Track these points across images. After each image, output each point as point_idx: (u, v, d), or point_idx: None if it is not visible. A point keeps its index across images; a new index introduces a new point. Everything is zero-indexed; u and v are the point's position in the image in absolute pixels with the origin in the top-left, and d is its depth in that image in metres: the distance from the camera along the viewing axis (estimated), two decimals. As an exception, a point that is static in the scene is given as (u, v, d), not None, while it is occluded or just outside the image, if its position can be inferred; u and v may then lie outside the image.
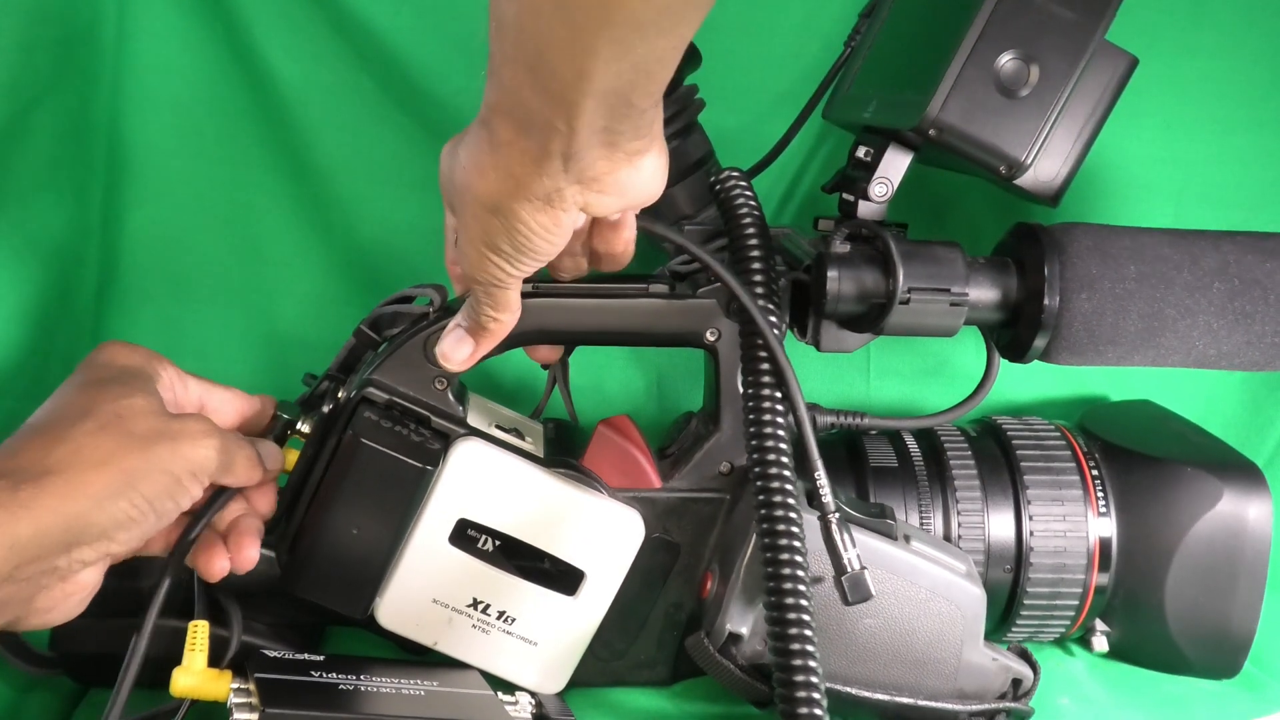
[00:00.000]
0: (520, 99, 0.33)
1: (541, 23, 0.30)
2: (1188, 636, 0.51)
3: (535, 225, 0.37)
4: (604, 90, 0.32)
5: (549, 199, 0.36)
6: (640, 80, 0.33)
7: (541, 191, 0.36)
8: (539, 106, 0.33)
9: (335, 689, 0.43)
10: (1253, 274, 0.45)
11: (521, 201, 0.36)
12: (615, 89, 0.32)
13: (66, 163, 0.54)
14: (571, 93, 0.32)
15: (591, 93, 0.32)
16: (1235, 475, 0.51)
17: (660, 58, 0.32)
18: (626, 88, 0.33)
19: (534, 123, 0.34)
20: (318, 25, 0.56)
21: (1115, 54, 0.45)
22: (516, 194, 0.36)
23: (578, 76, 0.31)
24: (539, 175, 0.35)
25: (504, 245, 0.38)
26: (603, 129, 0.34)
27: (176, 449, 0.38)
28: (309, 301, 0.60)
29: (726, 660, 0.43)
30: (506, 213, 0.37)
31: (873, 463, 0.52)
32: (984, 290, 0.47)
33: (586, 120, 0.33)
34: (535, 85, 0.32)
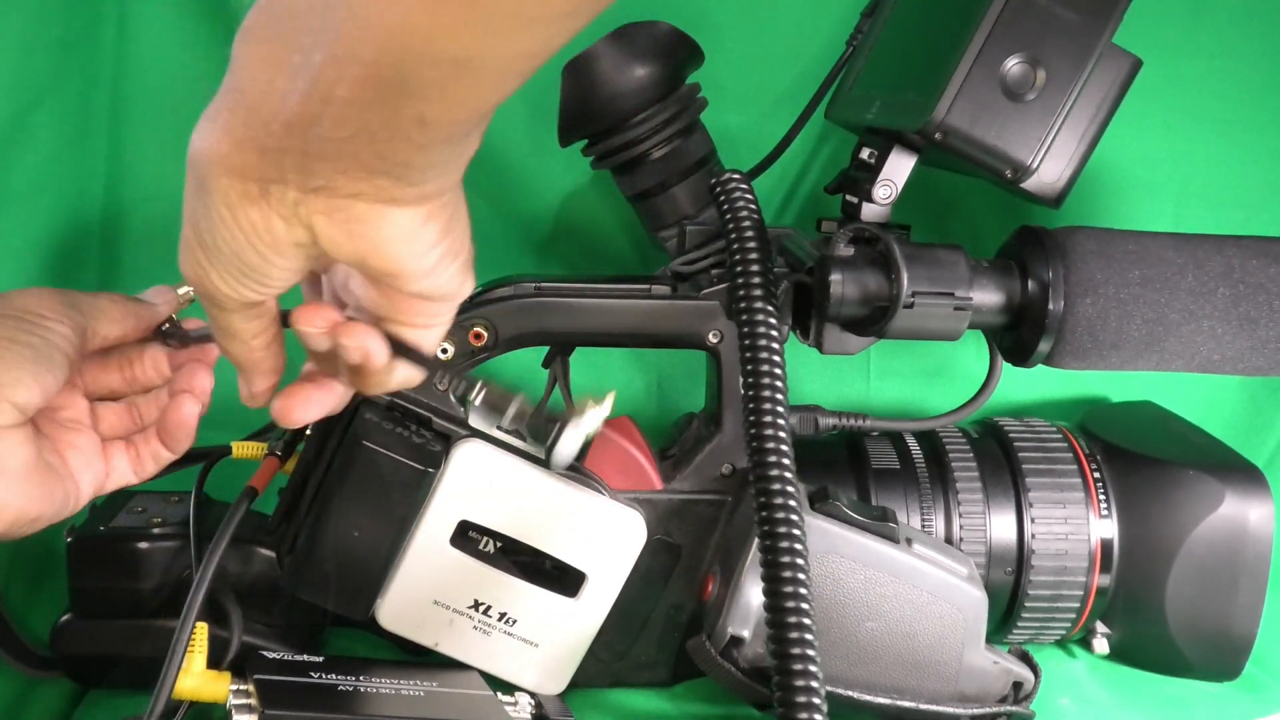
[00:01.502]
0: (278, 36, 0.26)
1: None
2: (1189, 638, 0.51)
3: (238, 216, 0.29)
4: (390, 78, 0.25)
5: (264, 189, 0.29)
6: (434, 114, 0.26)
7: (257, 171, 0.28)
8: (292, 65, 0.26)
9: (335, 690, 0.43)
10: (1257, 278, 0.45)
11: (231, 176, 0.29)
12: (394, 112, 0.26)
13: (66, 163, 0.54)
14: (359, 45, 0.25)
15: (375, 66, 0.25)
16: (1237, 478, 0.51)
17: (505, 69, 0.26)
18: (413, 120, 0.26)
19: (295, 60, 0.26)
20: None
21: (1119, 56, 0.45)
22: (229, 159, 0.28)
23: (388, 31, 0.24)
24: (260, 150, 0.28)
25: (204, 233, 0.30)
26: (352, 150, 0.27)
27: (6, 300, 0.37)
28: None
29: (728, 663, 0.43)
30: (210, 185, 0.29)
31: (874, 464, 0.52)
32: (987, 294, 0.47)
33: (339, 125, 0.26)
34: (309, 34, 0.26)
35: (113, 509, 0.49)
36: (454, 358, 0.46)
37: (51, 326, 0.37)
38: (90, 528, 0.47)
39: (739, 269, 0.43)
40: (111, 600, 0.47)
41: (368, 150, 0.27)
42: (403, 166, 0.28)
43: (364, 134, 0.27)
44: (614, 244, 0.61)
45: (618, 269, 0.61)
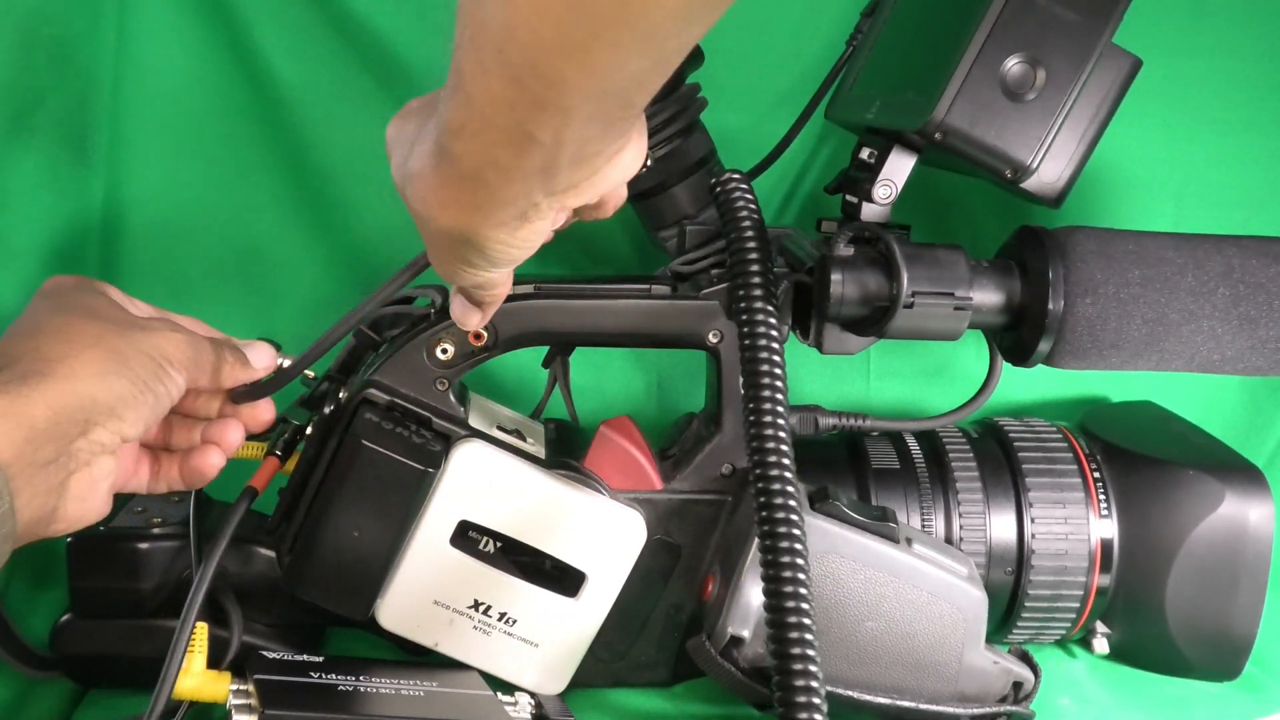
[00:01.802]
0: (494, 117, 0.30)
1: (545, 26, 0.27)
2: (1189, 639, 0.51)
3: (514, 240, 0.35)
4: (604, 93, 0.29)
5: (524, 215, 0.34)
6: (642, 82, 0.30)
7: (516, 212, 0.33)
8: (519, 121, 0.29)
9: (334, 690, 0.43)
10: (1257, 278, 0.45)
11: (495, 227, 0.34)
12: (616, 91, 0.29)
13: (66, 163, 0.54)
14: (567, 99, 0.29)
15: (591, 97, 0.29)
16: (1237, 478, 0.51)
17: (667, 59, 0.29)
18: (630, 88, 0.30)
19: (511, 141, 0.30)
20: (318, 25, 0.55)
21: (1119, 55, 0.45)
22: (487, 222, 0.34)
23: (579, 82, 0.28)
24: (511, 201, 0.33)
25: (478, 261, 0.36)
26: (589, 139, 0.31)
27: (149, 336, 0.40)
28: (309, 301, 0.60)
29: (728, 663, 0.43)
30: (478, 239, 0.35)
31: (874, 464, 0.52)
32: (987, 294, 0.47)
33: (575, 131, 0.30)
34: (521, 98, 0.29)
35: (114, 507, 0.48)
36: (454, 357, 0.46)
37: (174, 378, 0.40)
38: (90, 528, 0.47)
39: (739, 269, 0.43)
40: (111, 600, 0.47)
41: (593, 146, 0.32)
42: (620, 137, 0.33)
43: (587, 142, 0.31)
44: (614, 244, 0.61)
45: (618, 269, 0.61)
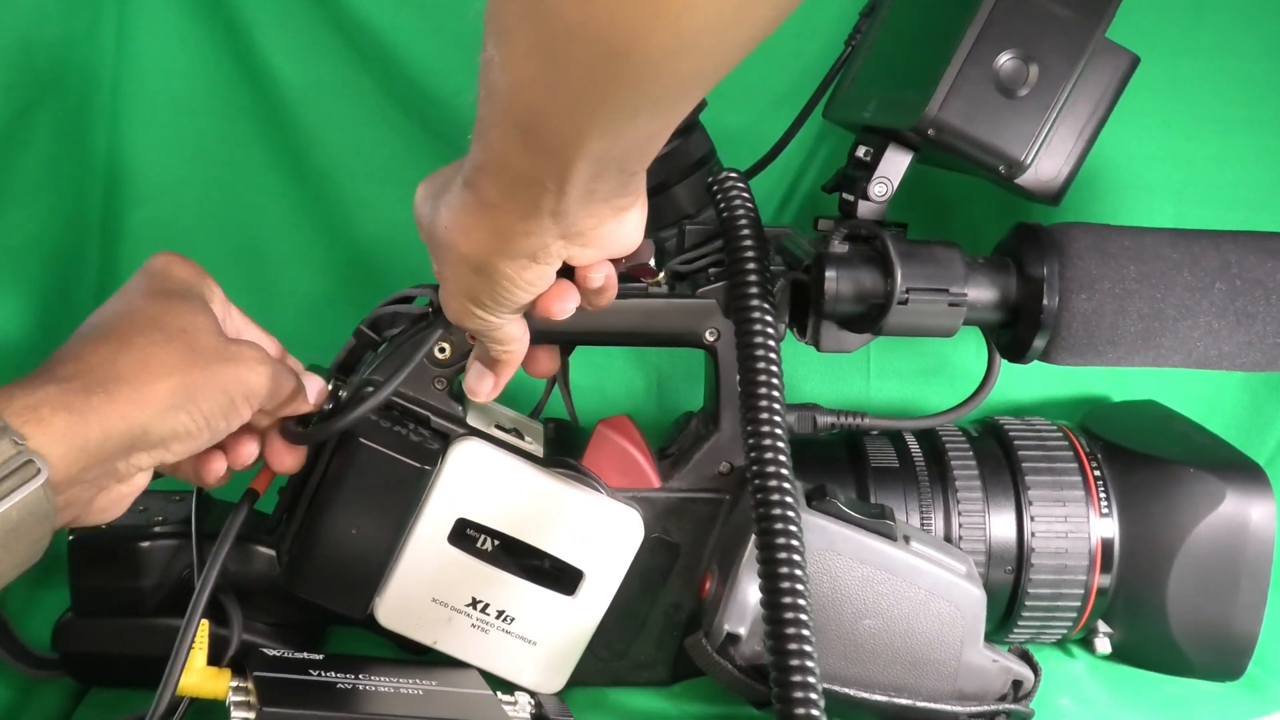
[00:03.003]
0: (509, 161, 0.32)
1: (538, 91, 0.29)
2: (1190, 638, 0.51)
3: (520, 280, 0.37)
4: (598, 157, 0.31)
5: (534, 255, 0.36)
6: (635, 149, 0.32)
7: (528, 249, 0.35)
8: (528, 167, 0.32)
9: (333, 688, 0.43)
10: (1254, 274, 0.45)
11: (507, 260, 0.36)
12: (610, 157, 0.32)
13: (66, 163, 0.54)
14: (564, 156, 0.31)
15: (585, 158, 0.31)
16: (1238, 476, 0.51)
17: (658, 131, 0.31)
18: (621, 156, 0.32)
19: (523, 183, 0.33)
20: (318, 25, 0.56)
21: (1116, 52, 0.45)
22: (502, 253, 0.36)
23: (573, 143, 0.30)
24: (526, 234, 0.35)
25: (486, 300, 0.38)
26: (592, 190, 0.34)
27: (235, 371, 0.40)
28: (309, 301, 0.60)
29: (725, 661, 0.43)
30: (491, 271, 0.36)
31: (873, 463, 0.52)
32: (983, 290, 0.47)
33: (577, 183, 0.32)
34: (526, 148, 0.31)
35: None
36: (452, 356, 0.46)
37: (242, 413, 0.41)
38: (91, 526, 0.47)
39: (735, 267, 0.44)
40: (112, 598, 0.47)
41: (607, 188, 0.34)
42: (621, 190, 0.35)
43: (589, 193, 0.33)
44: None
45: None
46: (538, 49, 0.27)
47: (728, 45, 0.27)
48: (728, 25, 0.26)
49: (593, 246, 0.37)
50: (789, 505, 0.39)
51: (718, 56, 0.27)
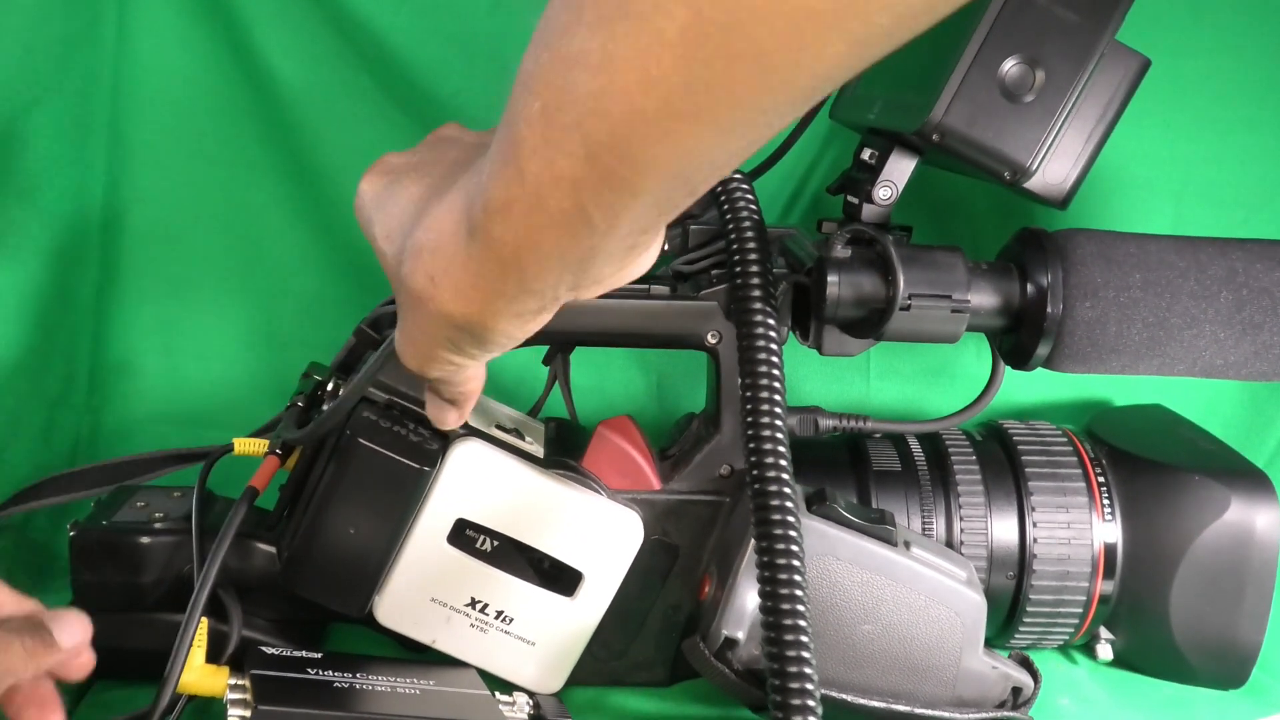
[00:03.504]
0: (549, 197, 0.26)
1: (650, 98, 0.23)
2: (1193, 646, 0.51)
3: (519, 333, 0.31)
4: (680, 175, 0.26)
5: (543, 308, 0.30)
6: (723, 165, 0.26)
7: (537, 305, 0.30)
8: (580, 203, 0.26)
9: (330, 686, 0.43)
10: (1261, 282, 0.45)
11: (510, 318, 0.30)
12: (691, 174, 0.26)
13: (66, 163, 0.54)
14: (641, 181, 0.25)
15: (666, 178, 0.25)
16: (1243, 483, 0.50)
17: (760, 139, 0.26)
18: (704, 173, 0.26)
19: (562, 225, 0.27)
20: (318, 25, 0.56)
21: (1126, 55, 0.45)
22: (502, 313, 0.30)
23: (664, 162, 0.25)
24: (539, 290, 0.29)
25: (471, 349, 0.32)
26: (643, 228, 0.28)
27: None
28: (309, 301, 0.60)
29: (722, 664, 0.43)
30: (485, 328, 0.31)
31: (875, 466, 0.52)
32: (986, 297, 0.46)
33: (632, 218, 0.27)
34: (589, 176, 0.25)
35: (115, 504, 0.49)
36: None
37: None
38: (93, 522, 0.47)
39: (737, 269, 0.43)
40: (112, 593, 0.47)
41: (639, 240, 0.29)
42: (655, 229, 0.29)
43: (640, 232, 0.28)
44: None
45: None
46: (689, 33, 0.22)
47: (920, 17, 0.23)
48: None
49: (602, 290, 0.32)
50: (789, 510, 0.39)
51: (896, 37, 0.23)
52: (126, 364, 0.59)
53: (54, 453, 0.57)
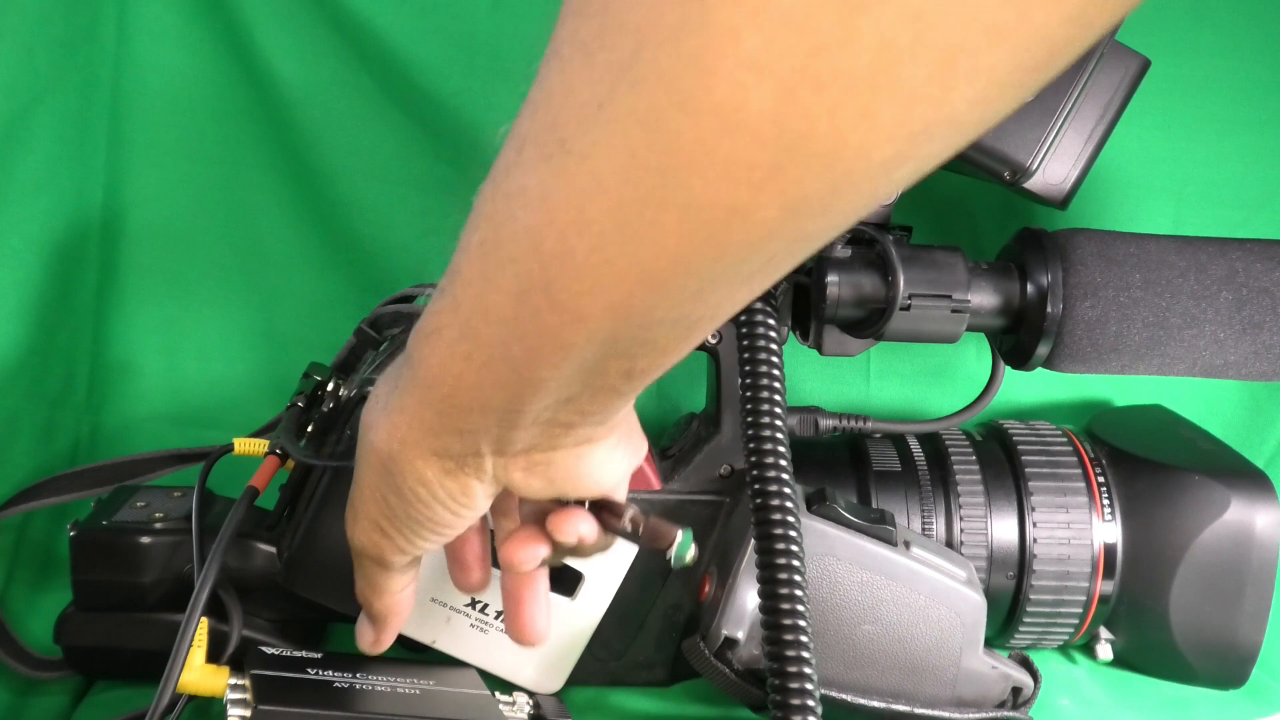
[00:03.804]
0: (478, 329, 0.25)
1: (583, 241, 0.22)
2: (1193, 646, 0.51)
3: (436, 489, 0.29)
4: (607, 336, 0.24)
5: (463, 462, 0.29)
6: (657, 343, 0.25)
7: (458, 450, 0.28)
8: (503, 342, 0.25)
9: (330, 686, 0.43)
10: (1261, 282, 0.45)
11: (427, 457, 0.29)
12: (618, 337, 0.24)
13: (66, 163, 0.54)
14: (570, 336, 0.24)
15: (594, 334, 0.24)
16: (1242, 483, 0.50)
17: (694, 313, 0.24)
18: (637, 341, 0.25)
19: (484, 362, 0.26)
20: (318, 25, 0.56)
21: (1126, 55, 0.45)
22: (422, 444, 0.28)
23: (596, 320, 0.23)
24: (459, 431, 0.28)
25: (394, 504, 0.30)
26: (572, 396, 0.26)
27: None
28: (309, 301, 0.60)
29: (722, 664, 0.43)
30: (405, 467, 0.29)
31: (875, 466, 0.52)
32: (986, 296, 0.46)
33: (561, 376, 0.25)
34: (517, 317, 0.24)
35: (115, 504, 0.49)
36: None
37: None
38: (93, 522, 0.47)
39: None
40: (113, 593, 0.47)
41: (566, 412, 0.27)
42: (598, 417, 0.28)
43: (566, 400, 0.26)
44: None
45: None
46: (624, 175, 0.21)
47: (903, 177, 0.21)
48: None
49: (537, 477, 0.29)
50: (789, 510, 0.39)
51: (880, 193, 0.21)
52: (126, 364, 0.59)
53: (54, 453, 0.57)
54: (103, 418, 0.59)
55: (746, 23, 0.18)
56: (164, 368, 0.60)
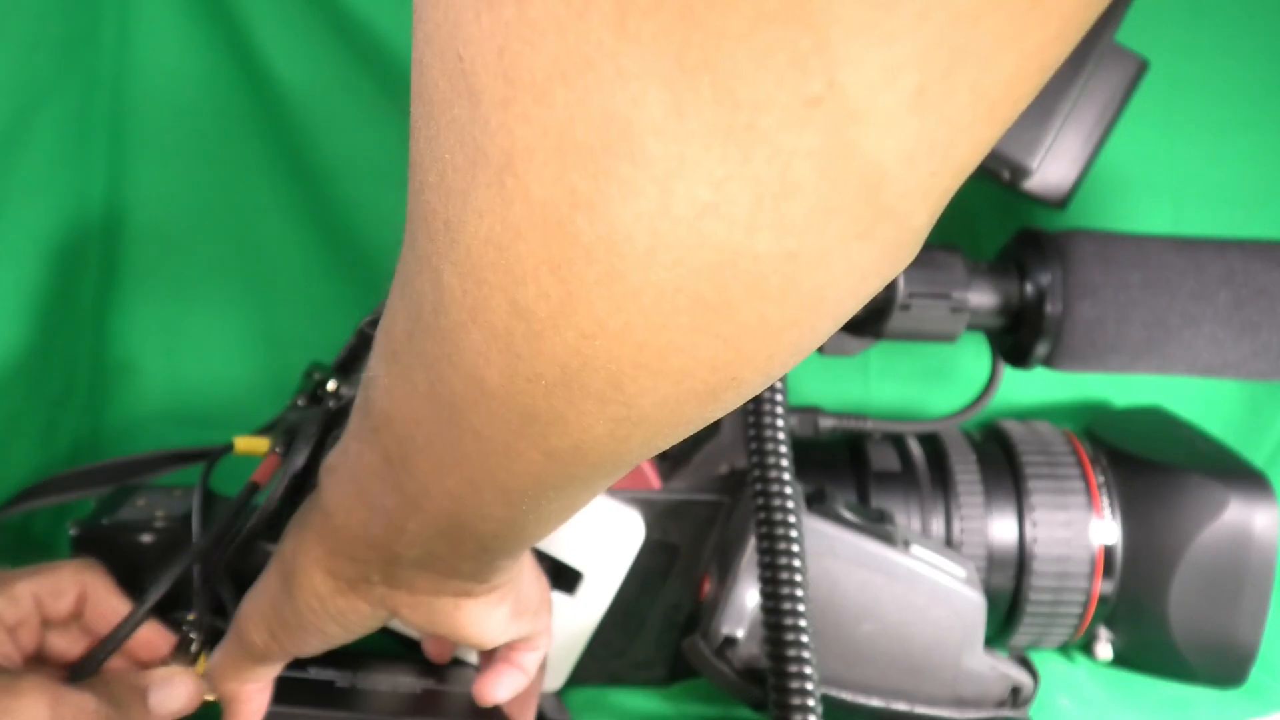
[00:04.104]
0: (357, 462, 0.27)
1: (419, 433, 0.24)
2: (1192, 645, 0.51)
3: (330, 606, 0.31)
4: (449, 525, 0.26)
5: (354, 584, 0.31)
6: (508, 534, 0.27)
7: (348, 574, 0.30)
8: (384, 492, 0.27)
9: (331, 686, 0.43)
10: (1259, 283, 0.45)
11: (323, 574, 0.31)
12: (457, 540, 0.27)
13: (66, 163, 0.54)
14: (421, 500, 0.26)
15: (436, 516, 0.26)
16: (1241, 483, 0.50)
17: (551, 517, 0.26)
18: (475, 544, 0.27)
19: (371, 503, 0.28)
20: (318, 26, 0.56)
21: (1124, 56, 0.45)
22: (320, 564, 0.31)
23: (435, 498, 0.25)
24: (351, 558, 0.30)
25: (287, 613, 0.32)
26: (429, 566, 0.29)
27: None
28: (309, 301, 0.60)
29: (721, 663, 0.43)
30: (300, 581, 0.31)
31: (875, 466, 0.52)
32: (985, 296, 0.46)
33: (414, 551, 0.28)
34: (385, 470, 0.26)
35: (116, 503, 0.49)
36: None
37: None
38: (94, 520, 0.47)
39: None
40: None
41: (440, 564, 0.29)
42: (470, 576, 0.30)
43: (432, 555, 0.29)
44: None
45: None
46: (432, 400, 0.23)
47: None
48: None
49: (418, 615, 0.31)
50: (790, 509, 0.39)
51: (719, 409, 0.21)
52: (127, 364, 0.59)
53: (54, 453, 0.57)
54: (103, 418, 0.59)
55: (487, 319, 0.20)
56: (164, 368, 0.60)
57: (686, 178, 0.16)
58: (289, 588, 0.32)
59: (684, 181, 0.16)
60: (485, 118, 0.17)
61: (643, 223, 0.16)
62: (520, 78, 0.16)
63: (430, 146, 0.19)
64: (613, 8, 0.15)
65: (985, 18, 0.15)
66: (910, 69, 0.15)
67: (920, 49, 0.15)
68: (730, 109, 0.15)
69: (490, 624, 0.33)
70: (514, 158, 0.17)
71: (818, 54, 0.15)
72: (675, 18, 0.15)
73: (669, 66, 0.15)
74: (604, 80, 0.15)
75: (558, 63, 0.15)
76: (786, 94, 0.15)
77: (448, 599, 0.31)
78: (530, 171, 0.16)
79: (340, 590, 0.31)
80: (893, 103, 0.15)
